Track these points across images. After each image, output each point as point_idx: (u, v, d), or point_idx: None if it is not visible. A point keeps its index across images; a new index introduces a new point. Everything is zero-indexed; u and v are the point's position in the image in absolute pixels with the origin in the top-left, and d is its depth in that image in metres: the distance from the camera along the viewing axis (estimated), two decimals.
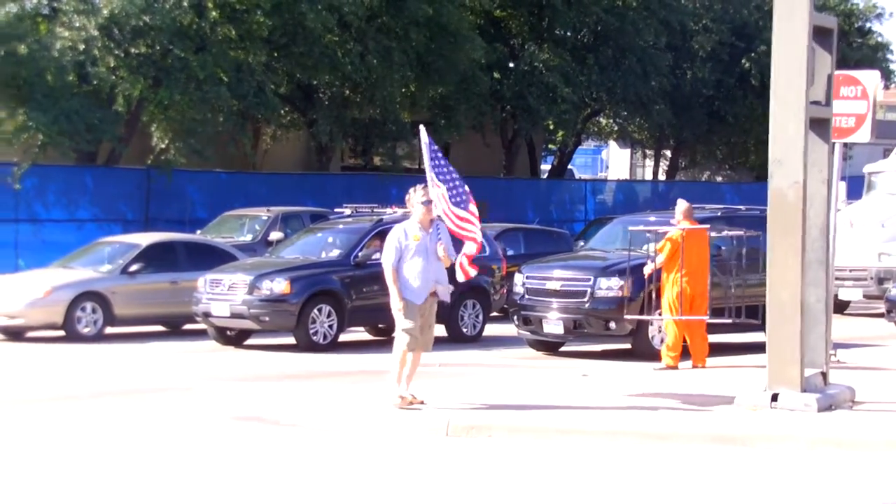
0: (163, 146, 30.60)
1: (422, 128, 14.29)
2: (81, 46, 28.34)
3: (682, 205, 17.71)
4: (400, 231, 13.39)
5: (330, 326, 20.26)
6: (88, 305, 21.62)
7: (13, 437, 12.55)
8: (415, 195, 13.43)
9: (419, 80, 34.58)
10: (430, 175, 13.55)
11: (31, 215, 29.86)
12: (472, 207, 13.69)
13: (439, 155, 13.84)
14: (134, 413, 13.91)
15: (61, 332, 21.53)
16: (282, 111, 34.23)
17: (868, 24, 46.95)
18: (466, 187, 13.83)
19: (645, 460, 11.25)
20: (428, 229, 13.32)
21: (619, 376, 16.21)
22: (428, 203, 13.33)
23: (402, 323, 13.23)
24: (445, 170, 13.68)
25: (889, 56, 47.39)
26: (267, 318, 20.08)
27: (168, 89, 29.49)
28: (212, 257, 22.57)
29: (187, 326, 22.58)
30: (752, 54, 40.44)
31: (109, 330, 21.81)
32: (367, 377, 16.78)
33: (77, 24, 28.44)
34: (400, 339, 13.27)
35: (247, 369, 18.19)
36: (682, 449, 11.67)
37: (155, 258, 22.59)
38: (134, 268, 22.23)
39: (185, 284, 21.73)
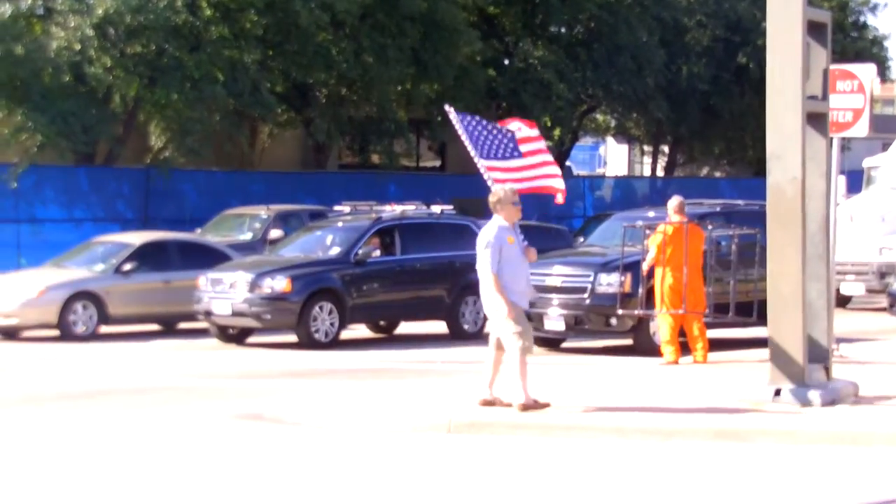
0: (160, 146, 30.53)
1: (447, 107, 14.22)
2: (77, 46, 28.31)
3: (673, 200, 17.70)
4: (498, 233, 12.67)
5: (331, 324, 20.26)
6: (82, 305, 21.59)
7: (14, 438, 12.53)
8: (505, 196, 12.78)
9: (415, 76, 34.54)
10: (478, 162, 13.36)
11: (30, 216, 29.86)
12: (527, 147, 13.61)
13: (475, 124, 13.67)
14: (136, 412, 13.89)
15: (56, 332, 21.51)
16: (278, 110, 34.19)
17: (863, 18, 46.96)
18: (512, 137, 13.71)
19: (649, 457, 11.24)
20: (514, 229, 12.88)
21: (621, 372, 16.21)
22: (518, 204, 12.81)
23: (513, 328, 12.55)
24: (490, 140, 13.51)
25: (885, 51, 47.34)
26: (268, 316, 20.08)
27: (164, 88, 29.47)
28: (205, 256, 22.55)
29: (182, 325, 22.58)
30: (748, 48, 40.40)
31: (104, 329, 21.79)
32: (368, 375, 16.78)
33: (72, 24, 28.41)
34: (513, 345, 12.59)
35: (248, 367, 18.19)
36: (686, 445, 11.67)
37: (148, 257, 22.57)
38: (127, 267, 22.20)
39: (179, 284, 21.79)
